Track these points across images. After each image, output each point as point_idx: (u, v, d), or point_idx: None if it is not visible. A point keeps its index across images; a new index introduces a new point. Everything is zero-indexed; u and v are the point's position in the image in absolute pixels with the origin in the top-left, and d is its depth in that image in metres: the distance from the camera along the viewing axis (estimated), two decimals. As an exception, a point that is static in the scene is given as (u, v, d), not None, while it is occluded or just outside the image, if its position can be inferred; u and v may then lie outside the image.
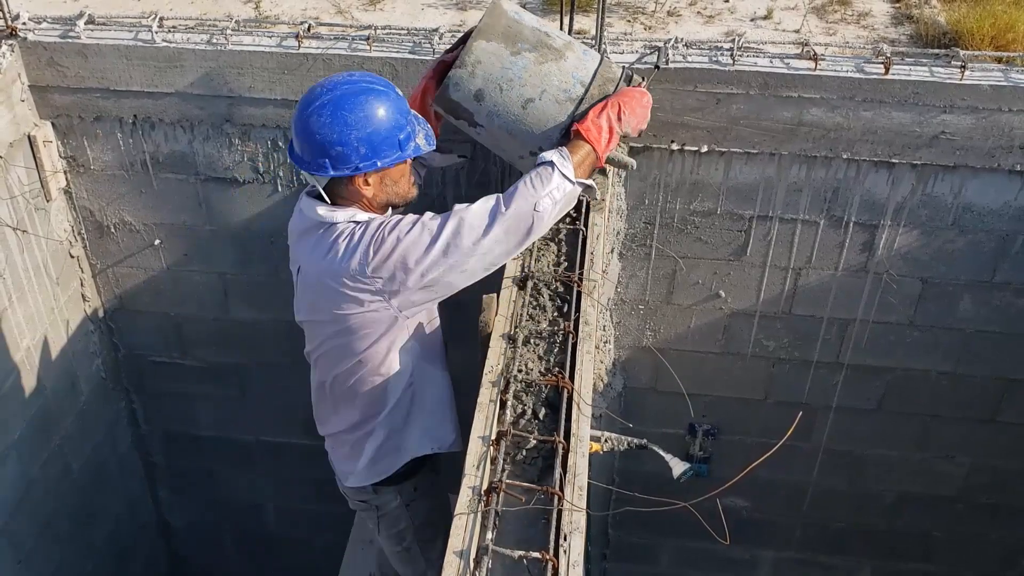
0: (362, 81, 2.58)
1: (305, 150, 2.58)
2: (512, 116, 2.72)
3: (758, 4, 4.34)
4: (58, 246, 4.23)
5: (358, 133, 2.51)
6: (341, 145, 2.51)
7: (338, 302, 2.65)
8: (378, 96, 2.55)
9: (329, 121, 2.50)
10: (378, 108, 2.53)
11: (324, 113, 2.51)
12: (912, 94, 3.47)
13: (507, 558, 1.90)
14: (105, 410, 4.84)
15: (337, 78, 2.59)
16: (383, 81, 2.63)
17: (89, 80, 3.80)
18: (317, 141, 2.53)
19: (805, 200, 3.81)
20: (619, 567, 5.30)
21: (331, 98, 2.52)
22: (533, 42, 2.72)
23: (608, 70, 2.80)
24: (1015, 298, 3.99)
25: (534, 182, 2.53)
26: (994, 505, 4.72)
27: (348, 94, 2.53)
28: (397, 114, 2.57)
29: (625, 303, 4.21)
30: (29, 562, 4.35)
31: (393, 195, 2.71)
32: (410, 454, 3.04)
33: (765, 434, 4.50)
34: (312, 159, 2.57)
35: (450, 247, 2.51)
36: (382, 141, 2.54)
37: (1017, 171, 3.62)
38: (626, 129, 2.70)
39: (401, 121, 2.58)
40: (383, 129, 2.54)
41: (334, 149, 2.52)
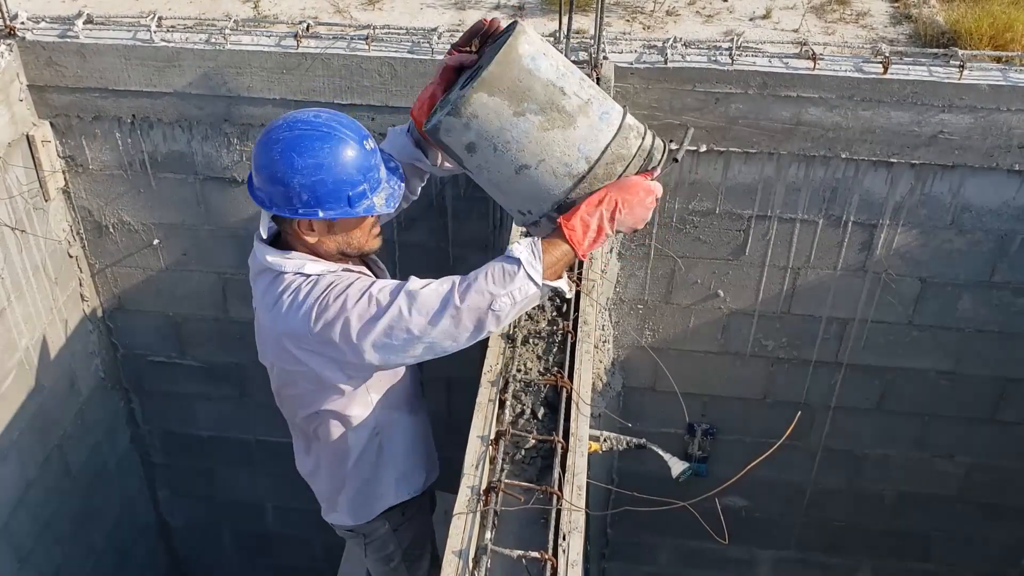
0: (325, 125, 2.37)
1: (256, 177, 2.45)
2: (503, 177, 2.41)
3: (757, 4, 4.34)
4: (57, 246, 4.23)
5: (302, 179, 2.33)
6: (284, 185, 2.35)
7: (286, 358, 2.54)
8: (336, 145, 2.35)
9: (278, 159, 2.34)
10: (331, 158, 2.34)
11: (275, 149, 2.35)
12: (911, 94, 3.47)
13: (506, 558, 1.90)
14: (104, 410, 4.84)
15: (302, 115, 2.40)
16: (353, 128, 2.42)
17: (88, 80, 3.80)
18: (263, 175, 2.39)
19: (804, 200, 3.81)
20: (618, 566, 5.30)
21: (287, 136, 2.36)
22: (543, 102, 2.32)
23: (623, 146, 2.39)
24: (1014, 297, 3.99)
25: (495, 277, 2.28)
26: (994, 505, 4.73)
27: (304, 136, 2.35)
28: (353, 169, 2.36)
29: (624, 303, 4.21)
30: (29, 562, 4.34)
31: (344, 245, 2.52)
32: (386, 503, 2.97)
33: (764, 433, 4.50)
34: (257, 187, 2.45)
35: (394, 330, 2.30)
36: (328, 193, 2.35)
37: (1016, 170, 3.62)
38: (619, 229, 2.38)
39: (356, 177, 2.37)
40: (330, 181, 2.34)
41: (277, 187, 2.37)
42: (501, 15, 4.28)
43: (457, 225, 4.07)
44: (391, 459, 2.88)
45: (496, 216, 4.00)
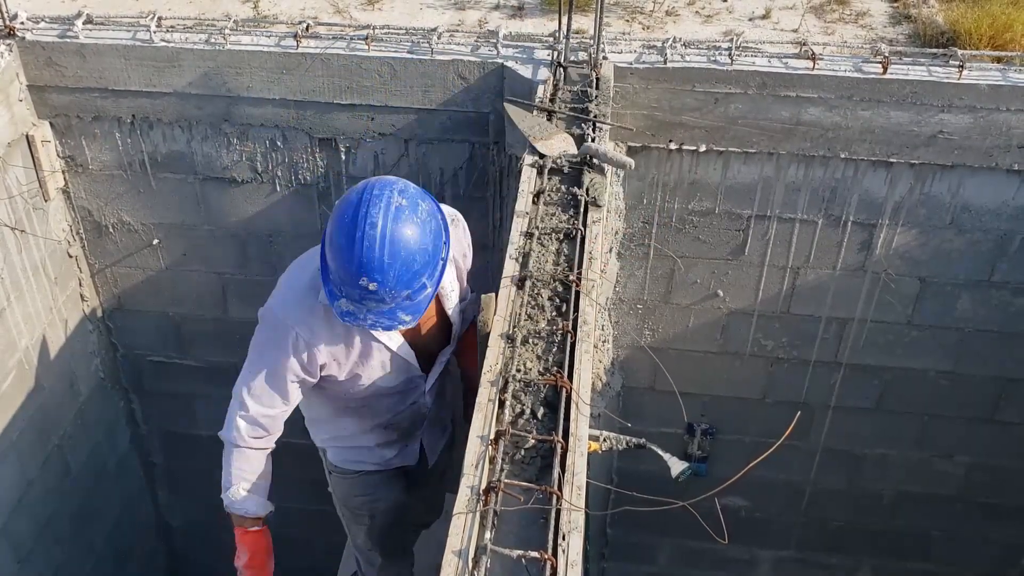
0: (391, 228, 2.41)
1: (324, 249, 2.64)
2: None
3: (756, 4, 4.34)
4: (56, 246, 4.23)
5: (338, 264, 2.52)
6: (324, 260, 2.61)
7: None
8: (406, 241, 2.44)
9: (347, 242, 2.45)
10: (353, 260, 2.45)
11: (354, 231, 2.44)
12: (910, 93, 3.47)
13: (506, 558, 1.90)
14: (104, 410, 4.84)
15: (384, 209, 2.41)
16: (412, 255, 2.44)
17: (87, 80, 3.80)
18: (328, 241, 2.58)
19: (803, 199, 3.81)
20: (618, 566, 5.30)
21: (369, 223, 2.41)
22: None
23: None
24: (1013, 297, 3.99)
25: (235, 472, 3.31)
26: (993, 504, 4.73)
27: (372, 227, 2.41)
28: (356, 274, 2.45)
29: (623, 302, 4.21)
30: (29, 562, 4.34)
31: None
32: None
33: (763, 433, 4.50)
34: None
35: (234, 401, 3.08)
36: (339, 284, 2.56)
37: (1015, 170, 3.62)
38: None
39: (349, 290, 2.51)
40: (340, 276, 2.53)
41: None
42: (500, 16, 4.29)
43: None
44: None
45: (496, 216, 4.00)
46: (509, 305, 2.55)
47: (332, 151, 3.90)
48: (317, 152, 3.91)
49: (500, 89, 3.61)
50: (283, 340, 2.68)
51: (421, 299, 2.53)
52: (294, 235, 4.20)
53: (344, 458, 3.26)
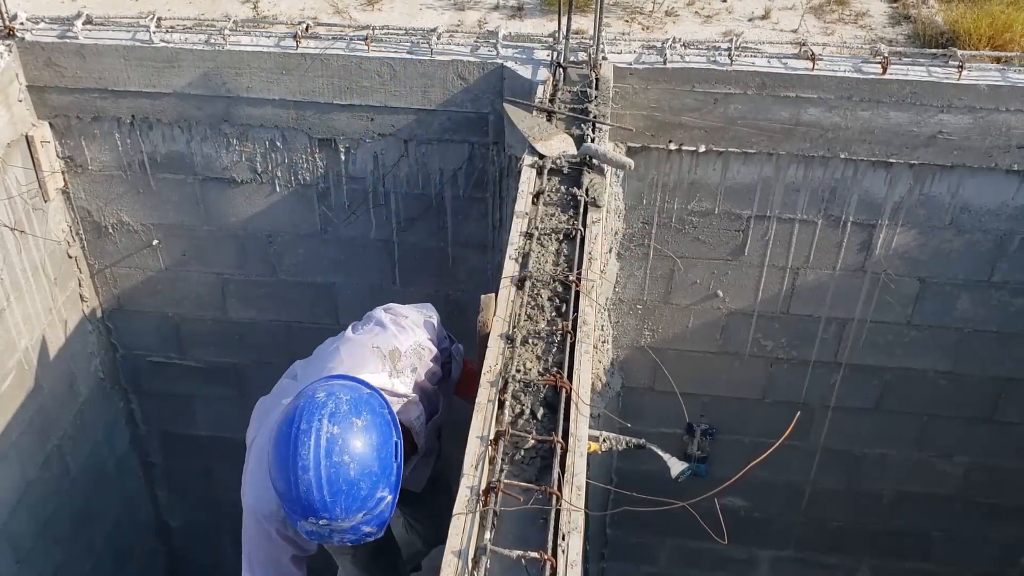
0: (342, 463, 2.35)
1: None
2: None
3: (756, 4, 4.34)
4: (56, 246, 4.23)
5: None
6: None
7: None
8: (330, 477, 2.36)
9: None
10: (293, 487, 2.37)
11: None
12: (910, 94, 3.47)
13: (505, 558, 1.90)
14: (103, 410, 4.83)
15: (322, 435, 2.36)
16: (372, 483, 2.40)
17: (87, 80, 3.80)
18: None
19: (803, 200, 3.82)
20: (617, 566, 5.30)
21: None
22: None
23: None
24: (1012, 297, 3.99)
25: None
26: (993, 504, 4.73)
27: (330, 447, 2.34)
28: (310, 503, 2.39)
29: (623, 303, 4.21)
30: (28, 562, 4.34)
31: None
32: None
33: (763, 434, 4.50)
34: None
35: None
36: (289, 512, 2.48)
37: (1014, 171, 3.63)
38: None
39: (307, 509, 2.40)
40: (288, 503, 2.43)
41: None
42: (500, 16, 4.29)
43: (456, 225, 4.07)
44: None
45: (495, 216, 4.00)
46: (509, 305, 2.55)
47: (332, 151, 3.90)
48: (317, 152, 3.91)
49: (500, 89, 3.61)
50: (270, 533, 2.71)
51: (382, 509, 2.45)
52: (293, 235, 4.20)
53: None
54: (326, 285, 4.37)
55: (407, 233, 4.13)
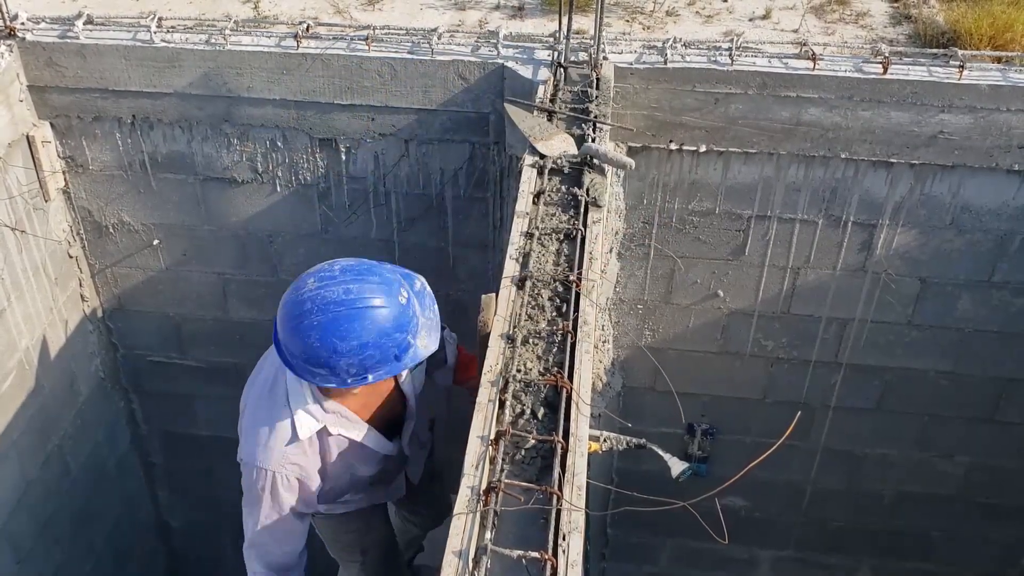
0: (358, 301, 2.36)
1: (292, 357, 2.48)
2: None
3: (756, 4, 4.34)
4: (57, 246, 4.23)
5: (348, 359, 2.38)
6: (328, 367, 2.41)
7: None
8: (374, 318, 2.37)
9: (318, 345, 2.37)
10: (373, 332, 2.37)
11: (312, 336, 2.36)
12: (910, 94, 3.47)
13: (506, 558, 1.90)
14: (104, 410, 4.84)
15: (332, 293, 2.36)
16: (385, 286, 2.42)
17: (88, 80, 3.80)
18: (303, 359, 2.44)
19: (803, 200, 3.81)
20: (618, 566, 5.30)
21: (322, 321, 2.35)
22: None
23: None
24: (1013, 297, 3.99)
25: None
26: (993, 504, 4.73)
27: (340, 318, 2.35)
28: (394, 331, 2.42)
29: (624, 303, 4.21)
30: (29, 562, 4.34)
31: (386, 388, 2.77)
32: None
33: (764, 433, 4.50)
34: (299, 365, 2.47)
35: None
36: (376, 363, 2.44)
37: (1015, 171, 3.62)
38: None
39: (397, 337, 2.44)
40: (376, 352, 2.41)
41: (320, 368, 2.42)
42: (501, 16, 4.29)
43: (457, 225, 4.07)
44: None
45: (496, 216, 4.00)
46: (509, 305, 2.55)
47: (332, 151, 3.90)
48: (317, 152, 3.92)
49: (500, 89, 3.61)
50: (274, 487, 2.68)
51: (415, 349, 2.50)
52: (294, 235, 4.20)
53: (329, 507, 3.17)
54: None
55: (408, 233, 4.13)
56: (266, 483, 2.68)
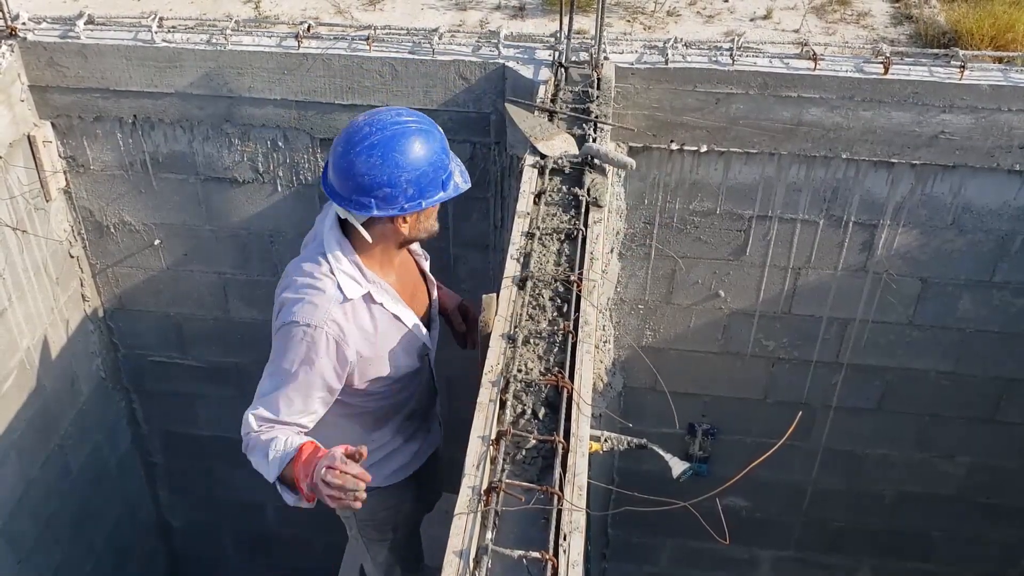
0: (411, 121, 2.56)
1: (346, 187, 2.54)
2: None
3: (757, 4, 4.34)
4: (58, 246, 4.23)
5: (408, 175, 2.50)
6: (390, 187, 2.50)
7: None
8: (427, 137, 2.55)
9: (380, 162, 2.48)
10: (427, 149, 2.54)
11: (375, 153, 2.48)
12: (911, 94, 3.47)
13: (507, 558, 1.90)
14: (105, 410, 4.84)
15: (385, 116, 2.57)
16: (427, 119, 2.62)
17: (89, 80, 3.80)
18: (364, 182, 2.50)
19: (804, 200, 3.81)
20: (619, 567, 5.30)
21: (381, 138, 2.50)
22: None
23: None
24: (1014, 298, 3.99)
25: (261, 448, 2.62)
26: (994, 505, 4.73)
27: (398, 135, 2.51)
28: (442, 154, 2.59)
29: (625, 303, 4.21)
30: (29, 562, 4.34)
31: (423, 231, 2.74)
32: (375, 483, 3.08)
33: (765, 434, 4.50)
34: (354, 197, 2.54)
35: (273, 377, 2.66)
36: (429, 182, 2.56)
37: (1016, 171, 3.62)
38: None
39: (445, 160, 2.60)
40: (430, 170, 2.55)
41: (382, 190, 2.51)
42: (501, 16, 4.29)
43: (457, 225, 4.07)
44: (392, 456, 3.08)
45: (496, 216, 4.00)
46: (510, 305, 2.55)
47: (333, 151, 3.90)
48: (318, 152, 3.92)
49: (501, 89, 3.61)
50: (313, 345, 2.61)
51: (455, 181, 2.66)
52: (295, 235, 4.20)
53: (376, 479, 3.08)
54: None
55: (408, 233, 4.13)
56: (305, 339, 2.60)
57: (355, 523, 3.34)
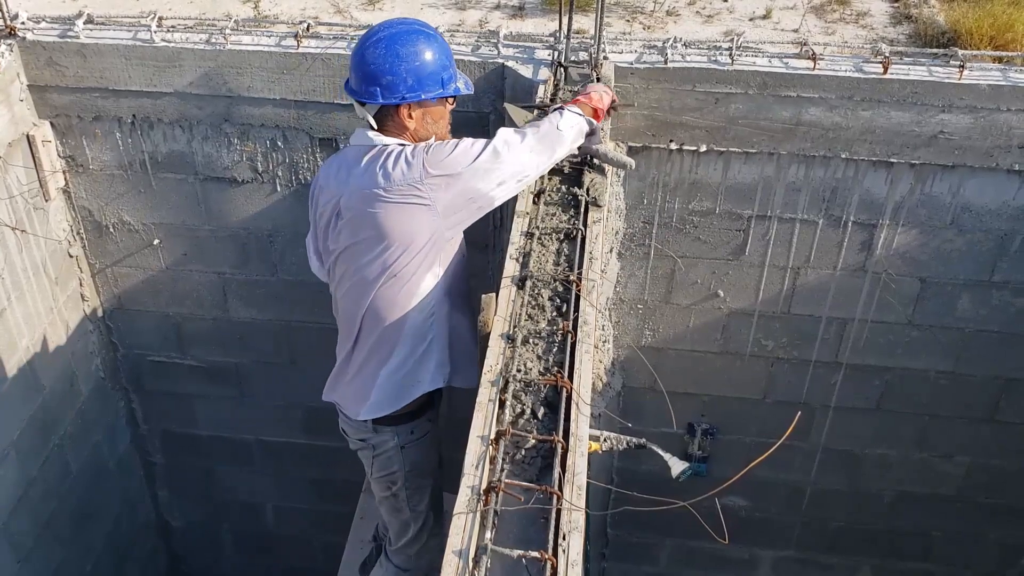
0: (416, 24, 2.88)
1: (359, 80, 2.83)
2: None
3: (757, 4, 4.34)
4: (57, 246, 4.23)
5: (407, 65, 2.77)
6: (391, 75, 2.77)
7: (387, 214, 2.80)
8: (428, 38, 2.83)
9: (383, 53, 2.77)
10: (427, 47, 2.81)
11: (380, 46, 2.78)
12: (911, 94, 3.47)
13: (506, 557, 1.90)
14: (104, 410, 4.84)
15: (394, 20, 2.90)
16: (433, 29, 2.90)
17: (88, 80, 3.80)
18: (371, 71, 2.78)
19: (804, 200, 3.81)
20: (618, 566, 5.30)
21: (387, 34, 2.80)
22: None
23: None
24: (1013, 297, 3.99)
25: (551, 118, 2.89)
26: (993, 504, 4.73)
27: (402, 32, 2.81)
28: (442, 56, 2.84)
29: (624, 302, 4.21)
30: (29, 562, 4.34)
31: (431, 132, 2.91)
32: (421, 388, 3.11)
33: (764, 433, 4.50)
34: (364, 88, 2.81)
35: (495, 153, 2.76)
36: (428, 76, 2.80)
37: (1015, 170, 3.62)
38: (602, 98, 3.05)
39: (445, 62, 2.84)
40: (429, 65, 2.79)
41: (384, 78, 2.77)
42: (501, 15, 4.29)
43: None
44: (438, 343, 3.09)
45: (496, 216, 4.00)
46: (509, 305, 2.55)
47: (333, 151, 3.90)
48: (318, 152, 3.92)
49: (501, 89, 3.61)
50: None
51: (456, 83, 2.89)
52: (294, 235, 4.20)
53: (455, 373, 3.17)
54: (327, 285, 4.36)
55: (408, 233, 4.12)
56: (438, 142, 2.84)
57: (402, 476, 3.32)
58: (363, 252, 2.92)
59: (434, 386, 3.12)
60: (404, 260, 2.86)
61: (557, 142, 2.87)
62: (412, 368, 3.07)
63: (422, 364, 3.07)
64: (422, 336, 3.03)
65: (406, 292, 2.94)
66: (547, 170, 2.91)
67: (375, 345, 3.07)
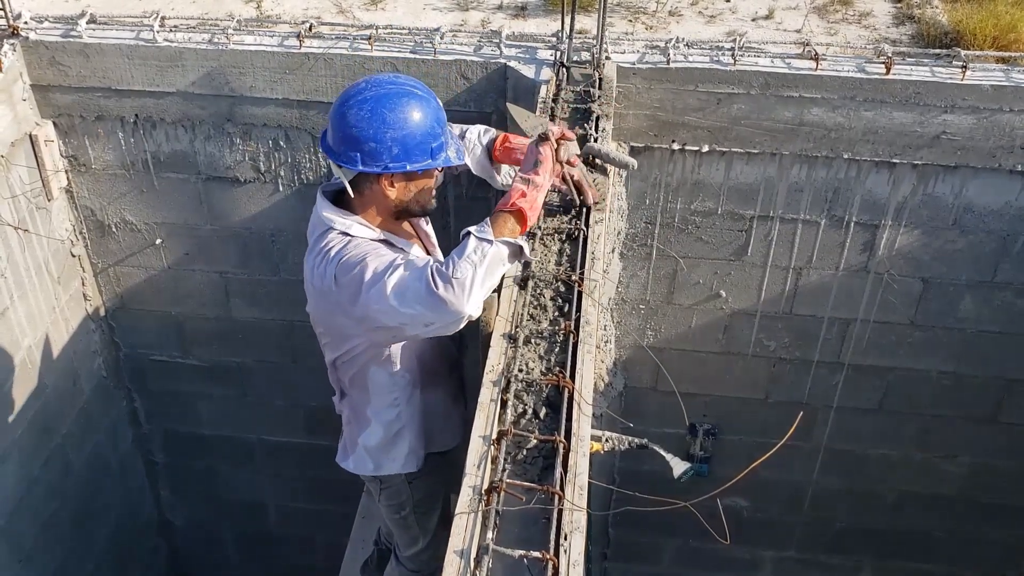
0: (407, 84, 2.61)
1: (338, 141, 2.58)
2: None
3: (759, 4, 4.34)
4: (59, 245, 4.24)
5: (394, 133, 2.52)
6: (375, 142, 2.52)
7: (316, 306, 2.75)
8: (419, 101, 2.57)
9: (368, 116, 2.52)
10: (417, 112, 2.55)
11: (364, 108, 2.53)
12: (913, 94, 3.47)
13: (507, 557, 1.90)
14: (106, 409, 4.84)
15: (383, 77, 2.63)
16: (426, 88, 2.64)
17: (91, 79, 3.80)
18: (352, 134, 2.54)
19: (806, 200, 3.81)
20: (620, 567, 5.30)
21: (374, 95, 2.54)
22: None
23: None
24: (1016, 298, 3.98)
25: (456, 253, 2.41)
26: (994, 505, 4.72)
27: (391, 94, 2.55)
28: (434, 122, 2.59)
29: (626, 303, 4.21)
30: (30, 561, 4.35)
31: (414, 202, 2.72)
32: (395, 468, 3.09)
33: (766, 434, 4.50)
34: (343, 151, 2.57)
35: (387, 295, 2.41)
36: (416, 145, 2.56)
37: (1018, 171, 3.62)
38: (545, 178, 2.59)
39: (436, 130, 2.60)
40: (418, 134, 2.55)
41: (368, 144, 2.53)
42: (503, 16, 4.29)
43: (459, 224, 4.06)
44: (409, 430, 3.03)
45: (498, 216, 4.00)
46: (511, 305, 2.55)
47: (335, 151, 3.90)
48: (320, 152, 3.92)
49: (503, 89, 3.61)
50: (369, 248, 2.62)
51: (446, 153, 2.63)
52: (296, 235, 4.20)
53: (434, 445, 3.13)
54: (329, 284, 4.37)
55: (410, 232, 4.13)
56: (361, 250, 2.55)
57: (410, 503, 3.27)
58: (319, 322, 2.87)
59: (407, 470, 3.10)
60: (350, 352, 2.81)
61: (457, 291, 2.34)
62: (386, 446, 3.06)
63: (395, 445, 3.05)
64: (390, 423, 3.00)
65: (363, 376, 2.88)
66: (474, 317, 2.42)
67: (352, 412, 3.07)
